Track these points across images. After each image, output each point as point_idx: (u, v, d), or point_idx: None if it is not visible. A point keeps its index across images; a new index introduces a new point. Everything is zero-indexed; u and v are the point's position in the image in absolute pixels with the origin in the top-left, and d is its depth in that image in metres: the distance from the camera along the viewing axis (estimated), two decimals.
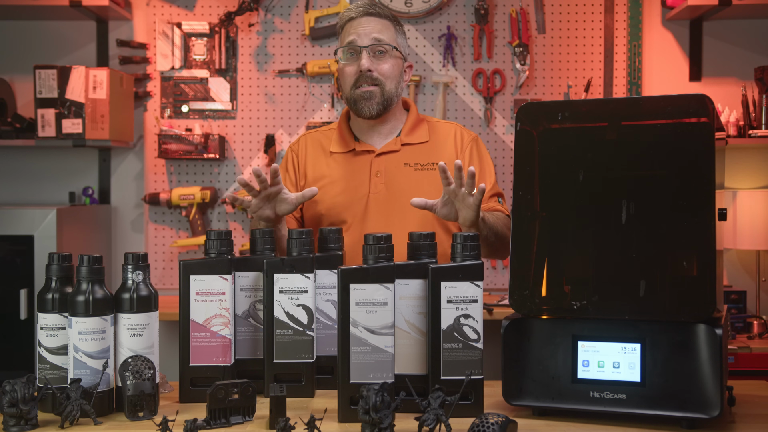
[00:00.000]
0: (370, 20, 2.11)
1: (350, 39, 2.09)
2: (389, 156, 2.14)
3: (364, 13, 2.12)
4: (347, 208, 2.10)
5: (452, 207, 1.89)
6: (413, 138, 2.16)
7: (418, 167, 2.13)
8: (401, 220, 2.07)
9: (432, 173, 2.12)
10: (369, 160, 2.14)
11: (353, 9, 2.13)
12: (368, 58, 2.07)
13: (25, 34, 3.67)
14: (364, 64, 2.07)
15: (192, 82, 3.65)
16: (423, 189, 2.10)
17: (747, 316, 3.38)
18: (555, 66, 3.63)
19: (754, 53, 3.61)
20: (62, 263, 1.62)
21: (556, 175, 1.58)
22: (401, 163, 2.13)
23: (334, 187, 2.13)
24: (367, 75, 2.07)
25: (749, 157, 3.64)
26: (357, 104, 2.10)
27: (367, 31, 2.09)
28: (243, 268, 1.73)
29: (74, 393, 1.50)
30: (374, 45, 2.08)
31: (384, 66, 2.09)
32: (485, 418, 1.38)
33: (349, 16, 2.12)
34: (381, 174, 2.11)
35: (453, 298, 1.55)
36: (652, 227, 1.50)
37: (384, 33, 2.11)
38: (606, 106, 1.62)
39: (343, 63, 2.11)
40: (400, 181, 2.11)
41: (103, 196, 3.68)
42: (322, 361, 1.74)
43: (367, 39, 2.08)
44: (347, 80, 2.10)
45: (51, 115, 3.30)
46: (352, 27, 2.11)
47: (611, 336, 1.53)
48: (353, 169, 2.14)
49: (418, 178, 2.12)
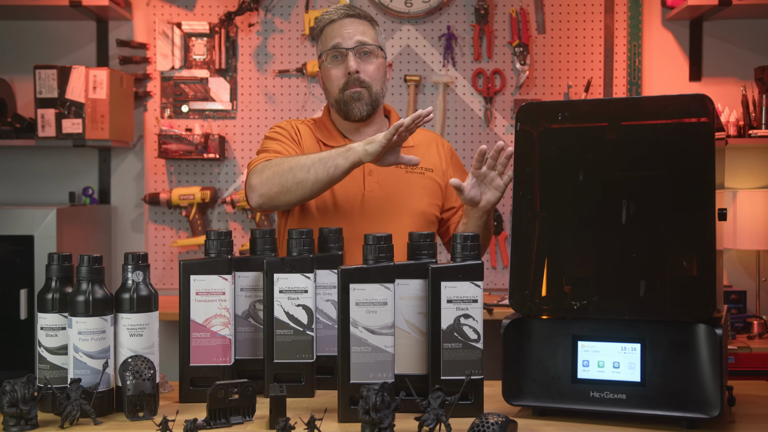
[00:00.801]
0: (352, 22, 2.11)
1: (335, 42, 2.08)
2: None
3: (345, 15, 2.11)
4: (342, 204, 2.10)
5: (478, 190, 1.98)
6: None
7: (408, 170, 2.13)
8: (398, 220, 2.07)
9: (422, 177, 2.14)
10: None
11: (333, 11, 2.12)
12: (355, 60, 2.07)
13: (25, 34, 3.67)
14: (352, 65, 2.06)
15: (192, 82, 3.65)
16: (414, 192, 2.11)
17: (747, 316, 3.38)
18: (555, 66, 3.63)
19: (754, 53, 3.61)
20: (62, 263, 1.62)
21: (556, 175, 1.58)
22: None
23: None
24: (355, 77, 2.07)
25: (749, 157, 3.64)
26: (347, 106, 2.09)
27: (350, 33, 2.08)
28: (243, 268, 1.73)
29: (74, 393, 1.50)
30: (359, 46, 2.08)
31: (370, 67, 2.09)
32: (485, 418, 1.38)
33: (330, 18, 2.11)
34: (374, 173, 2.11)
35: (453, 298, 1.55)
36: (652, 227, 1.50)
37: (367, 34, 2.10)
38: (606, 106, 1.62)
39: (328, 66, 2.10)
40: (392, 182, 2.11)
41: (103, 196, 3.68)
42: (322, 361, 1.74)
43: (351, 41, 2.08)
44: (334, 83, 2.09)
45: (51, 115, 3.31)
46: (335, 30, 2.10)
47: (611, 336, 1.53)
48: None
49: (409, 180, 2.12)
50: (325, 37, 2.12)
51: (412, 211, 2.10)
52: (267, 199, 1.94)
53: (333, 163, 1.88)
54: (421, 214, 2.12)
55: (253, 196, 1.96)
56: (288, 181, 1.91)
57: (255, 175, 1.96)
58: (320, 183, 1.90)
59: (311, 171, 1.89)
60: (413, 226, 2.06)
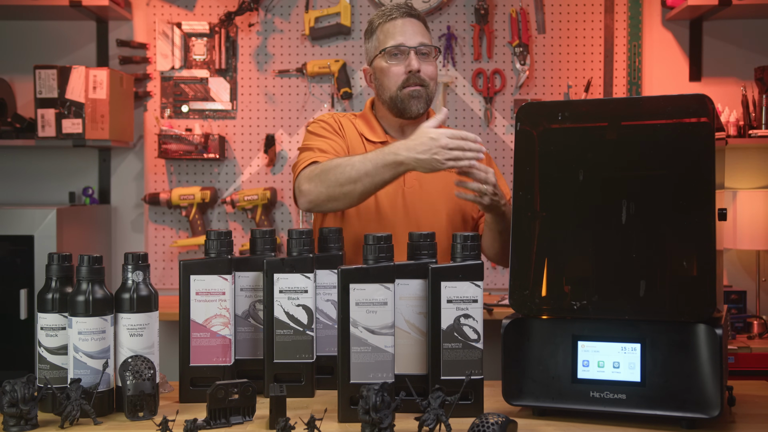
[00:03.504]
0: (413, 22, 2.13)
1: (397, 40, 2.10)
2: None
3: (407, 14, 2.13)
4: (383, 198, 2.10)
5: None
6: None
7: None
8: (436, 216, 2.10)
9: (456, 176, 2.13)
10: None
11: (394, 10, 2.14)
12: (417, 59, 2.09)
13: (25, 34, 3.67)
14: (414, 65, 2.08)
15: (192, 82, 3.65)
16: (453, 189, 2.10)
17: (747, 316, 3.38)
18: (555, 66, 3.63)
19: (754, 53, 3.61)
20: (62, 263, 1.62)
21: (556, 175, 1.58)
22: None
23: None
24: (416, 76, 2.09)
25: (749, 157, 3.64)
26: (405, 103, 2.10)
27: (412, 33, 2.11)
28: (243, 268, 1.73)
29: (74, 393, 1.50)
30: (420, 47, 2.11)
31: (430, 68, 2.12)
32: (485, 418, 1.38)
33: (391, 16, 2.13)
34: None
35: (453, 298, 1.55)
36: (652, 227, 1.50)
37: (426, 36, 2.14)
38: (606, 106, 1.62)
39: (388, 63, 2.11)
40: (431, 179, 2.11)
41: (103, 196, 3.68)
42: (322, 361, 1.74)
43: (414, 41, 2.10)
44: (393, 80, 2.10)
45: (51, 115, 3.30)
46: (396, 28, 2.11)
47: (611, 336, 1.53)
48: None
49: (446, 178, 2.11)
50: (384, 34, 2.13)
51: (449, 209, 2.12)
52: (315, 205, 1.98)
53: (381, 178, 1.90)
54: (458, 211, 2.14)
55: (303, 201, 2.00)
56: (336, 192, 1.93)
57: (304, 181, 1.99)
58: (367, 194, 1.94)
59: (358, 183, 1.91)
60: (452, 224, 2.10)
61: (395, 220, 2.09)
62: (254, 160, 3.66)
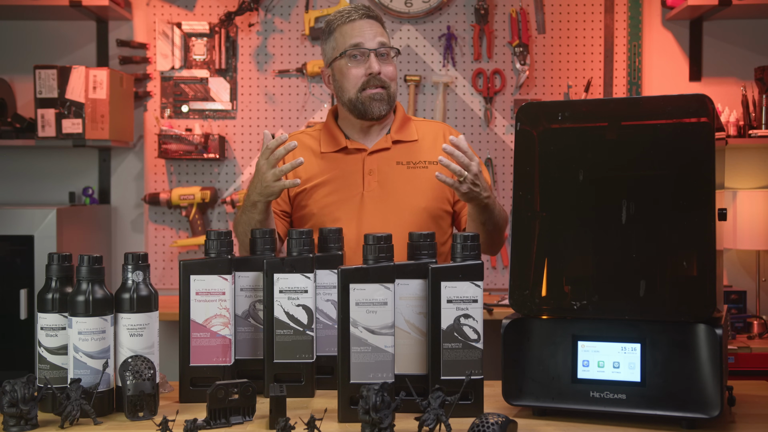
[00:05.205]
0: (372, 23, 2.13)
1: (356, 41, 2.09)
2: (381, 154, 2.15)
3: (365, 15, 2.13)
4: (341, 206, 2.10)
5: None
6: (403, 136, 2.18)
7: (410, 165, 2.14)
8: (398, 218, 2.07)
9: (424, 171, 2.14)
10: (361, 159, 2.14)
11: (352, 11, 2.13)
12: (376, 61, 2.09)
13: (25, 34, 3.67)
14: (375, 67, 2.08)
15: (192, 82, 3.65)
16: (417, 187, 2.11)
17: (747, 316, 3.38)
18: (555, 66, 3.63)
19: (754, 53, 3.61)
20: (62, 263, 1.62)
21: (556, 175, 1.58)
22: (393, 161, 2.14)
23: (326, 186, 2.13)
24: (377, 78, 2.08)
25: (749, 157, 3.64)
26: (366, 105, 2.10)
27: (372, 34, 2.10)
28: (243, 268, 1.73)
29: (74, 393, 1.50)
30: (380, 48, 2.10)
31: (389, 68, 2.12)
32: (485, 418, 1.38)
33: (350, 17, 2.12)
34: (374, 172, 2.12)
35: (453, 298, 1.55)
36: (652, 227, 1.50)
37: (384, 36, 2.14)
38: (606, 106, 1.62)
39: (348, 65, 2.10)
40: (393, 180, 2.12)
41: (103, 196, 3.68)
42: (322, 361, 1.74)
43: (373, 42, 2.10)
44: (352, 82, 2.10)
45: (51, 115, 3.30)
46: (354, 29, 2.11)
47: (611, 336, 1.53)
48: (345, 168, 2.14)
49: (411, 176, 2.13)
50: (342, 36, 2.12)
51: (413, 208, 2.10)
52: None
53: (254, 219, 2.00)
54: (422, 210, 2.11)
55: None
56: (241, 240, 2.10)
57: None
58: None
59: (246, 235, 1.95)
60: (415, 224, 2.06)
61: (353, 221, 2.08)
62: (254, 160, 3.66)
